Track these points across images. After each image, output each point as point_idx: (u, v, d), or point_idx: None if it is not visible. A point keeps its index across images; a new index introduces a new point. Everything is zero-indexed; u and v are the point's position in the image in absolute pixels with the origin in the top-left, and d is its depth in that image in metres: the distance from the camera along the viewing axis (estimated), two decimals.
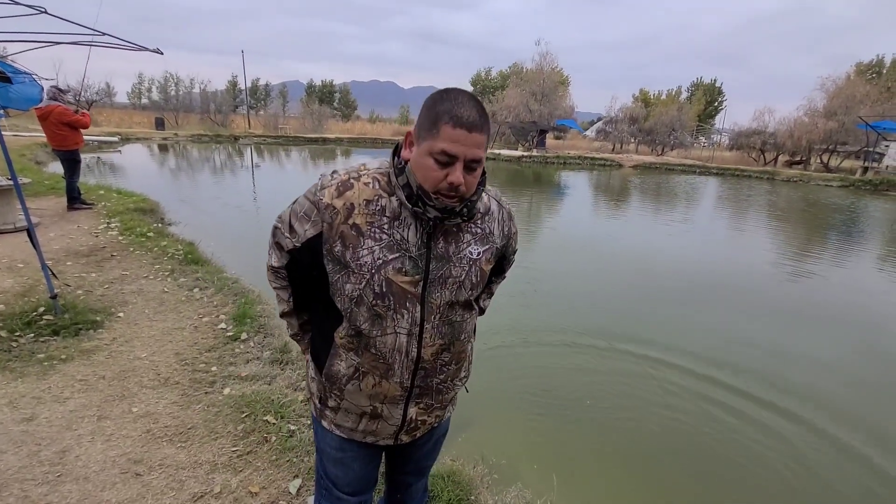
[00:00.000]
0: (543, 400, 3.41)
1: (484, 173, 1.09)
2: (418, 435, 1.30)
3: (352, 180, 1.06)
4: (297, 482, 2.02)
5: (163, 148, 22.12)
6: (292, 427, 2.38)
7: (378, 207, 1.05)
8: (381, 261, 1.04)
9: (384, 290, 1.05)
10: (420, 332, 1.10)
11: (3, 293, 3.74)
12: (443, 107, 0.96)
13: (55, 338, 3.13)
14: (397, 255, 1.04)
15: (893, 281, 7.43)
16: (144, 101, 41.69)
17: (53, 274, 3.50)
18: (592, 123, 46.58)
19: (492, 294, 1.39)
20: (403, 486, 1.59)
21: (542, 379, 3.68)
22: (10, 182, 5.46)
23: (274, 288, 1.26)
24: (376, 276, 1.04)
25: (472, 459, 2.25)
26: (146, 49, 3.28)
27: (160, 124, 27.58)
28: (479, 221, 1.14)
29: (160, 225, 6.66)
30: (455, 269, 1.09)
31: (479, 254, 1.12)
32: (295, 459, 2.16)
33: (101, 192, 8.15)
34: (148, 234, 5.73)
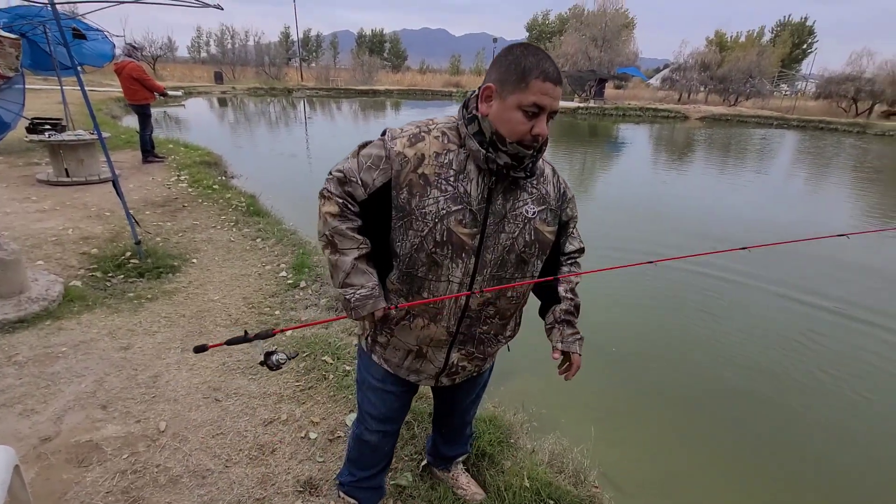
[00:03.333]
0: (587, 353, 3.47)
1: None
2: (457, 380, 1.40)
3: (422, 133, 1.12)
4: (353, 415, 2.22)
5: (222, 102, 22.92)
6: (347, 367, 2.60)
7: (446, 160, 1.10)
8: (444, 211, 1.09)
9: (444, 238, 1.11)
10: (470, 283, 1.16)
11: (95, 238, 4.18)
12: (529, 62, 1.01)
13: (141, 279, 3.51)
14: (460, 207, 1.09)
15: None
16: (203, 55, 42.92)
17: (136, 222, 3.86)
18: (658, 71, 43.14)
19: (577, 237, 1.36)
20: (450, 428, 1.74)
21: (588, 333, 3.73)
22: (95, 136, 5.95)
23: (338, 230, 1.14)
24: (439, 225, 1.10)
25: (512, 407, 2.38)
26: (208, 5, 3.38)
27: (219, 78, 28.43)
28: (534, 182, 1.18)
29: (224, 178, 7.06)
30: (509, 226, 1.14)
31: (534, 213, 1.17)
32: (350, 396, 2.37)
33: (171, 145, 8.68)
34: (213, 186, 6.12)
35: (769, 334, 3.88)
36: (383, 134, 1.15)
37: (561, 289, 1.32)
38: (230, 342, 1.14)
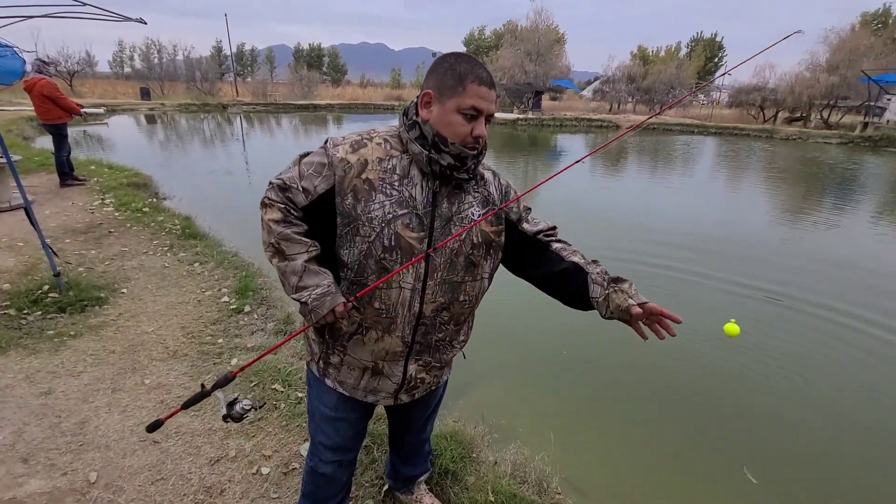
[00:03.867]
0: (538, 359, 3.54)
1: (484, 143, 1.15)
2: (417, 395, 1.37)
3: (364, 140, 1.13)
4: (308, 445, 2.12)
5: (150, 119, 21.63)
6: (300, 394, 2.48)
7: (390, 165, 1.11)
8: (391, 215, 1.09)
9: (392, 243, 1.10)
10: (423, 288, 1.14)
11: (6, 272, 3.77)
12: (464, 68, 1.07)
13: (62, 315, 3.20)
14: (406, 210, 1.10)
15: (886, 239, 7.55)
16: (127, 69, 40.45)
17: (54, 252, 3.53)
18: (589, 83, 45.54)
19: (541, 222, 1.31)
20: (407, 446, 1.70)
21: (537, 340, 3.81)
22: (3, 160, 5.41)
23: (284, 235, 1.11)
24: (386, 229, 1.09)
25: (472, 420, 2.37)
26: (129, 19, 3.19)
27: (146, 94, 26.86)
28: (476, 186, 1.20)
29: (154, 200, 6.63)
30: (455, 229, 1.15)
31: (478, 215, 1.18)
32: (304, 424, 2.27)
33: (93, 167, 8.05)
34: (143, 209, 5.72)
35: (719, 330, 4.12)
36: (325, 143, 1.15)
37: (577, 259, 1.22)
38: (187, 405, 1.06)
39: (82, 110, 6.80)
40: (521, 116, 26.39)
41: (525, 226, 1.27)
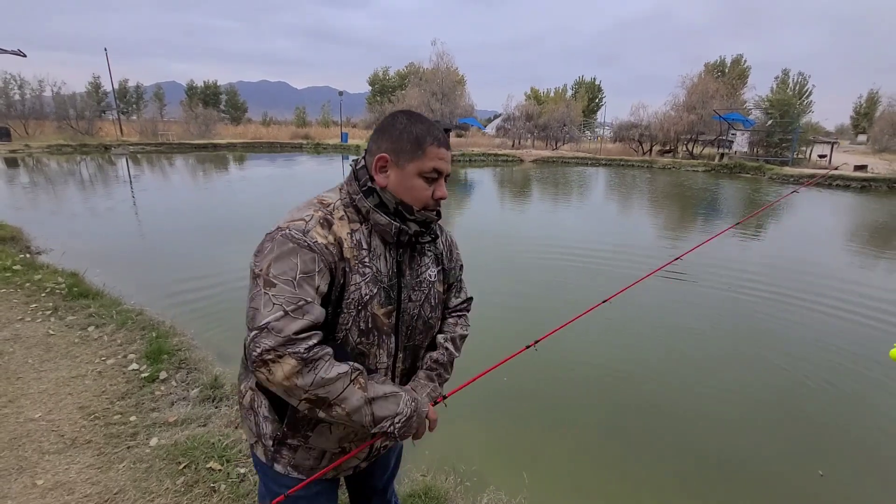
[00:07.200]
0: (498, 399, 3.49)
1: None
2: (375, 459, 1.28)
3: (327, 216, 1.01)
4: None
5: (11, 162, 18.82)
6: (242, 470, 2.17)
7: (357, 240, 1.02)
8: (367, 296, 1.01)
9: (370, 325, 1.02)
10: (394, 364, 1.10)
11: None
12: (420, 129, 1.03)
13: None
14: (377, 287, 1.03)
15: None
16: None
17: None
18: (490, 121, 48.46)
19: (464, 288, 1.31)
20: None
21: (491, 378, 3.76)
22: None
23: (317, 383, 0.90)
24: (363, 312, 1.01)
25: (442, 471, 2.23)
26: (5, 52, 2.75)
27: (5, 135, 23.44)
28: (430, 244, 1.17)
29: (28, 255, 5.67)
30: (415, 294, 1.11)
31: (434, 275, 1.16)
32: None
33: None
34: (13, 267, 4.86)
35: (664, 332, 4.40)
36: (286, 232, 0.95)
37: (440, 337, 1.22)
38: None
39: None
40: None
41: (450, 296, 1.26)
